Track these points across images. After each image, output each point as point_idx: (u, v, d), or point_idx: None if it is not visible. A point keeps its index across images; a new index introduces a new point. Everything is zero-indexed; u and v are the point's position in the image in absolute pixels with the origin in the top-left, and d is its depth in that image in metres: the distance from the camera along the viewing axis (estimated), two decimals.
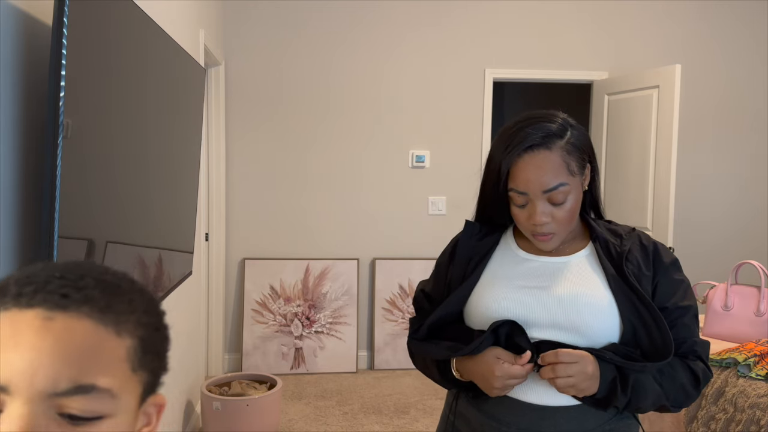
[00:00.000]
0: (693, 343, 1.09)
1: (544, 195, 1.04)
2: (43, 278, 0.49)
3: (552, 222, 1.06)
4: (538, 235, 1.08)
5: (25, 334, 0.46)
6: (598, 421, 1.10)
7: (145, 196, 1.59)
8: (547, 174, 1.03)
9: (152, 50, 1.56)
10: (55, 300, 0.48)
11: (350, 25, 3.91)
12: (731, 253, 4.14)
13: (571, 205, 1.07)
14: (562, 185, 1.04)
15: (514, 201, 1.08)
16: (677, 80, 3.42)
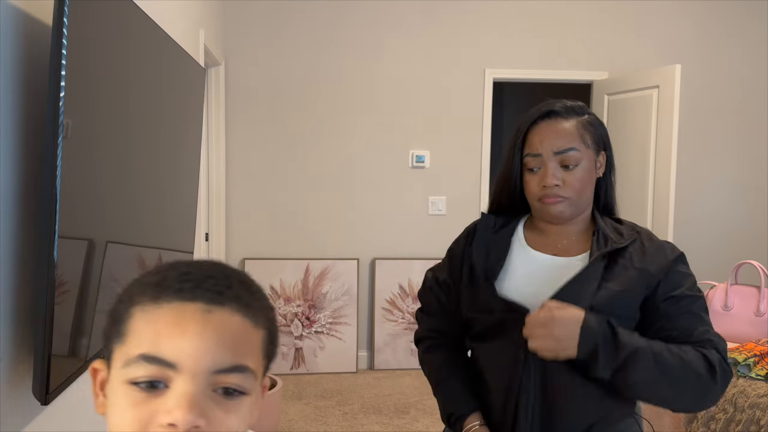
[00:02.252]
0: (705, 332, 1.04)
1: (556, 157, 1.07)
2: (198, 276, 0.58)
3: (562, 186, 1.07)
4: (547, 198, 1.08)
5: (189, 323, 0.55)
6: (596, 417, 1.08)
7: (145, 196, 1.59)
8: (560, 137, 1.07)
9: (152, 50, 1.56)
10: (211, 296, 0.57)
11: (350, 25, 3.91)
12: (731, 253, 4.14)
13: (582, 174, 1.08)
14: (573, 149, 1.07)
15: (527, 165, 1.10)
16: (677, 80, 3.42)
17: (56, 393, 1.10)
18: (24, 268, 1.13)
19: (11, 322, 1.09)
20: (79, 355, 1.21)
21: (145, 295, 0.57)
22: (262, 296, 0.64)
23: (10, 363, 1.09)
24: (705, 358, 1.01)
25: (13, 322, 1.10)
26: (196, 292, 0.57)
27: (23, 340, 1.13)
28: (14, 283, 1.10)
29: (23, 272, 1.13)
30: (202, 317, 0.55)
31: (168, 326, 0.55)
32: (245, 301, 0.59)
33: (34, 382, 1.07)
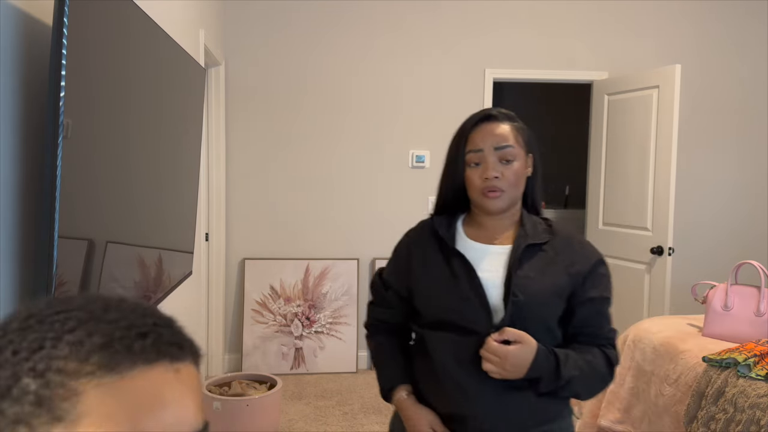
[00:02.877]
0: (609, 330, 1.26)
1: (496, 152, 1.23)
2: (145, 327, 0.48)
3: (501, 179, 1.22)
4: (489, 191, 1.22)
5: (166, 391, 0.46)
6: (538, 421, 1.23)
7: (145, 196, 1.59)
8: (499, 136, 1.25)
9: (152, 50, 1.56)
10: (173, 352, 0.48)
11: (350, 25, 3.91)
12: (731, 254, 4.14)
13: (517, 168, 1.24)
14: (510, 146, 1.24)
15: (470, 162, 1.25)
16: (677, 80, 3.42)
17: None
18: (24, 268, 1.13)
19: None
20: None
21: (90, 363, 0.44)
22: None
23: None
24: (607, 359, 1.23)
25: None
26: (157, 349, 0.47)
27: None
28: (14, 283, 1.10)
29: (23, 272, 1.13)
30: (174, 379, 0.47)
31: (144, 399, 0.45)
32: (195, 348, 0.52)
33: None
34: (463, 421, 1.21)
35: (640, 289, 3.67)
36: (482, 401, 1.19)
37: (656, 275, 3.55)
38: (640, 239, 3.66)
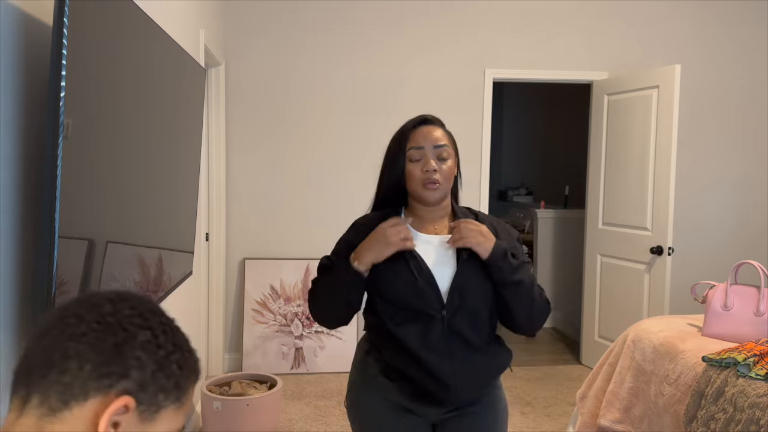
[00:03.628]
0: (535, 282, 1.49)
1: (435, 150, 1.42)
2: (192, 361, 0.72)
3: (438, 174, 1.41)
4: (429, 183, 1.41)
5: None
6: (494, 381, 1.51)
7: (146, 196, 1.59)
8: (436, 136, 1.44)
9: (152, 50, 1.56)
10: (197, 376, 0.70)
11: (350, 25, 3.91)
12: (731, 254, 4.14)
13: (450, 165, 1.44)
14: (445, 146, 1.44)
15: (411, 158, 1.43)
16: (677, 80, 3.42)
17: None
18: (24, 268, 1.13)
19: (11, 322, 1.09)
20: None
21: (170, 400, 0.66)
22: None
23: (10, 363, 1.09)
24: (542, 292, 1.48)
25: (14, 322, 1.10)
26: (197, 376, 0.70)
27: (23, 340, 1.13)
28: (14, 283, 1.10)
29: (24, 272, 1.13)
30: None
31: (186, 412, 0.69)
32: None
33: None
34: (443, 389, 1.41)
35: (639, 289, 3.67)
36: (451, 372, 1.40)
37: (656, 275, 3.55)
38: (640, 239, 3.66)
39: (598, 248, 4.01)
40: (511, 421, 3.21)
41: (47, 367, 0.61)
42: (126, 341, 0.63)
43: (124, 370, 0.62)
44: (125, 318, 0.64)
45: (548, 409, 3.38)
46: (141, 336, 0.64)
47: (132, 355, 0.63)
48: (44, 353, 0.62)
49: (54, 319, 0.64)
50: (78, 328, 0.62)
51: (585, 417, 2.62)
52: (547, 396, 3.56)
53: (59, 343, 0.62)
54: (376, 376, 1.51)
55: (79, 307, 0.65)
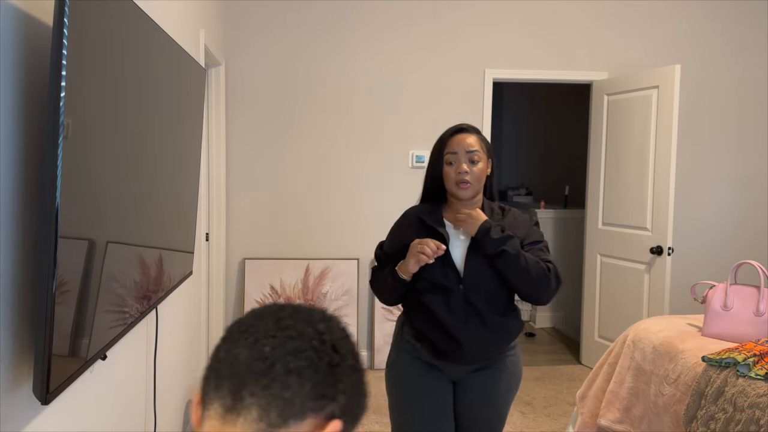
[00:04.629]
0: (546, 260, 1.71)
1: (467, 155, 1.71)
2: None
3: (470, 174, 1.70)
4: (461, 183, 1.70)
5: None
6: (498, 354, 1.77)
7: (146, 196, 1.59)
8: (469, 143, 1.72)
9: (152, 50, 1.56)
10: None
11: (350, 25, 3.91)
12: (731, 253, 4.14)
13: (481, 168, 1.72)
14: (477, 151, 1.71)
15: (447, 161, 1.73)
16: (677, 80, 3.42)
17: (56, 393, 1.10)
18: (24, 268, 1.13)
19: (11, 322, 1.09)
20: (79, 355, 1.21)
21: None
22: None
23: (10, 363, 1.09)
24: (546, 267, 1.68)
25: (13, 322, 1.10)
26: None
27: (23, 340, 1.13)
28: (15, 283, 1.10)
29: (24, 272, 1.13)
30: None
31: None
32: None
33: (34, 382, 1.07)
34: (459, 349, 1.70)
35: (639, 289, 3.67)
36: (465, 334, 1.69)
37: (656, 275, 3.55)
38: (639, 239, 3.66)
39: (598, 248, 4.01)
40: (511, 420, 3.21)
41: (269, 380, 0.59)
42: (339, 364, 0.62)
43: (335, 393, 0.61)
44: (338, 339, 0.64)
45: (548, 409, 3.38)
46: (350, 359, 0.64)
47: (341, 379, 0.62)
48: (264, 363, 0.60)
49: (270, 328, 0.63)
50: (299, 343, 0.61)
51: (585, 417, 2.62)
52: (547, 396, 3.56)
53: (280, 355, 0.60)
54: (409, 340, 1.80)
55: (294, 320, 0.64)
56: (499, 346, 1.76)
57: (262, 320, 0.64)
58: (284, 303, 0.68)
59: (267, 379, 0.59)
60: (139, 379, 1.92)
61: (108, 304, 1.35)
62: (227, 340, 0.64)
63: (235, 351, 0.62)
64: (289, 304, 0.68)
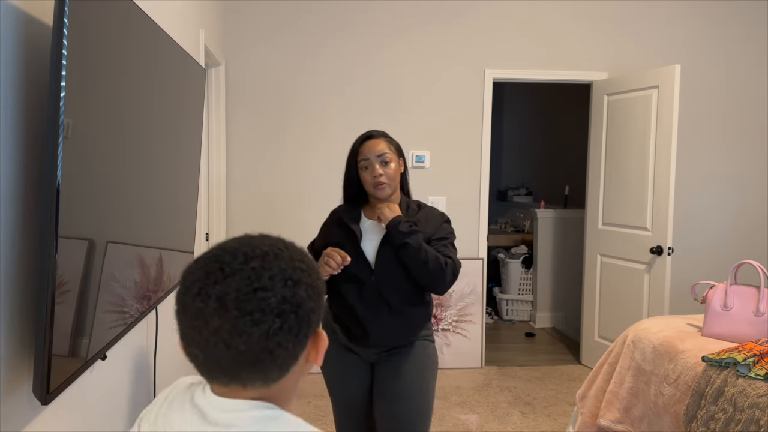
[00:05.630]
0: (447, 254, 1.86)
1: (378, 158, 1.87)
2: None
3: (384, 175, 1.86)
4: (378, 185, 1.87)
5: None
6: (405, 340, 1.91)
7: (146, 196, 1.59)
8: (379, 147, 1.88)
9: (152, 50, 1.56)
10: None
11: (350, 25, 3.91)
12: (731, 253, 4.14)
13: (394, 168, 1.89)
14: (387, 154, 1.88)
15: (362, 167, 1.89)
16: (677, 80, 3.42)
17: (56, 393, 1.10)
18: (24, 268, 1.13)
19: (11, 322, 1.09)
20: (79, 355, 1.21)
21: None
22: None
23: (10, 363, 1.09)
24: (445, 262, 1.81)
25: (13, 322, 1.10)
26: None
27: (23, 340, 1.13)
28: (14, 283, 1.10)
29: (24, 272, 1.13)
30: None
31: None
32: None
33: (34, 382, 1.07)
34: (366, 335, 1.86)
35: (639, 289, 3.67)
36: (372, 321, 1.85)
37: (656, 275, 3.55)
38: (639, 239, 3.66)
39: (598, 248, 4.01)
40: (511, 420, 3.21)
41: (255, 363, 0.71)
42: (294, 292, 0.75)
43: (308, 315, 0.77)
44: (277, 274, 0.78)
45: (548, 409, 3.38)
46: (295, 277, 0.78)
47: (303, 300, 0.76)
48: (245, 352, 0.71)
49: (223, 315, 0.69)
50: (260, 315, 0.71)
51: (585, 417, 2.62)
52: (547, 396, 3.56)
53: (255, 340, 0.71)
54: (330, 324, 1.96)
55: (238, 299, 0.70)
56: (405, 333, 1.91)
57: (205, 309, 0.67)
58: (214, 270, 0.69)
59: (253, 368, 0.67)
60: (139, 379, 1.92)
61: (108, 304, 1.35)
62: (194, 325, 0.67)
63: (202, 338, 0.67)
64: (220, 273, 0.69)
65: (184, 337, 0.68)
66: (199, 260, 0.71)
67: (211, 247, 0.73)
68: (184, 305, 0.67)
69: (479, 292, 3.99)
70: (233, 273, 0.67)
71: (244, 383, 0.68)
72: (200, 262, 0.70)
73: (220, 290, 0.65)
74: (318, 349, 0.74)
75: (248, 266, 0.68)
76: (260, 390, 0.69)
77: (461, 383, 3.76)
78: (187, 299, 0.67)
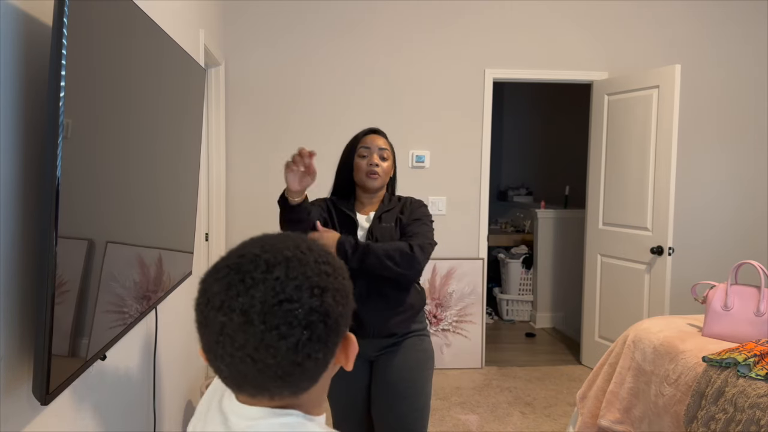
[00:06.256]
0: (414, 234, 1.93)
1: (379, 151, 1.97)
2: None
3: (379, 168, 1.95)
4: (371, 174, 1.95)
5: None
6: (403, 329, 1.95)
7: (145, 196, 1.59)
8: (381, 142, 1.99)
9: (152, 50, 1.56)
10: None
11: (350, 25, 3.91)
12: (731, 253, 4.14)
13: (389, 164, 2.00)
14: (386, 150, 1.99)
15: (360, 155, 1.97)
16: (677, 80, 3.42)
17: (56, 393, 1.10)
18: (24, 268, 1.13)
19: (11, 322, 1.09)
20: (79, 355, 1.21)
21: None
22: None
23: (10, 363, 1.09)
24: (409, 245, 1.87)
25: (13, 322, 1.10)
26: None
27: (23, 340, 1.13)
28: (14, 283, 1.10)
29: (23, 272, 1.13)
30: None
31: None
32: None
33: (34, 382, 1.07)
34: (359, 323, 1.89)
35: (640, 289, 3.67)
36: (366, 310, 1.89)
37: (656, 275, 3.55)
38: (640, 239, 3.66)
39: (598, 248, 4.01)
40: (511, 420, 3.21)
41: (283, 378, 0.70)
42: (323, 300, 0.72)
43: (339, 317, 0.76)
44: (300, 283, 0.73)
45: (548, 409, 3.38)
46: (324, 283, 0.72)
47: (330, 307, 0.73)
48: (273, 365, 0.69)
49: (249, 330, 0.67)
50: (286, 328, 0.70)
51: (585, 417, 2.62)
52: (547, 396, 3.56)
53: (282, 353, 0.69)
54: None
55: (264, 311, 0.68)
56: (400, 318, 1.93)
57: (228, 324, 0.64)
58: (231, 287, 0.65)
59: (282, 381, 0.64)
60: (139, 379, 1.92)
61: (108, 304, 1.35)
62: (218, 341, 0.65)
63: (230, 356, 0.64)
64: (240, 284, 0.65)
65: (208, 351, 0.65)
66: (219, 269, 0.66)
67: (229, 251, 0.69)
68: (206, 318, 0.64)
69: (479, 292, 3.99)
70: (255, 284, 0.63)
71: (272, 395, 0.66)
72: (220, 272, 0.66)
73: (244, 303, 0.62)
74: (348, 354, 0.71)
75: (272, 276, 0.63)
76: (287, 400, 0.68)
77: (461, 383, 3.75)
78: (209, 312, 0.64)
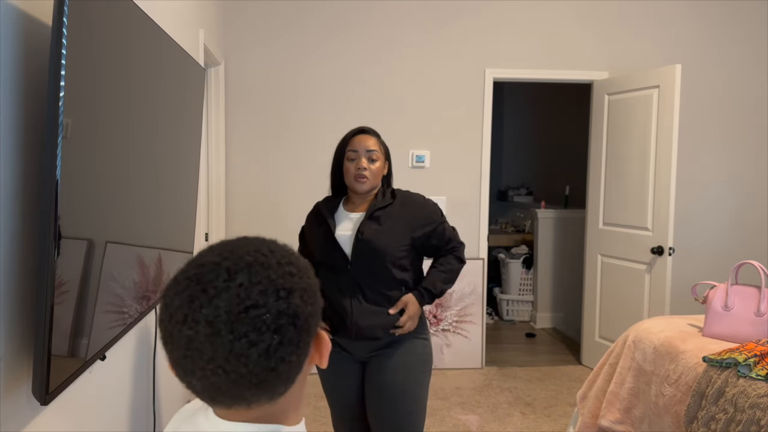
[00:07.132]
0: (450, 240, 1.98)
1: (366, 153, 1.89)
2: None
3: (368, 170, 1.88)
4: (359, 177, 1.88)
5: None
6: (385, 329, 1.90)
7: (145, 196, 1.58)
8: (369, 143, 1.91)
9: (152, 50, 1.55)
10: None
11: (350, 25, 3.91)
12: (732, 254, 4.14)
13: (379, 166, 1.91)
14: (375, 151, 1.91)
15: (348, 158, 1.90)
16: (677, 80, 3.42)
17: (56, 393, 1.10)
18: (24, 268, 1.13)
19: (11, 322, 1.09)
20: (79, 355, 1.21)
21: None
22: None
23: (9, 363, 1.09)
24: (457, 258, 1.99)
25: (13, 322, 1.10)
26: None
27: (23, 340, 1.13)
28: (14, 283, 1.10)
29: (23, 272, 1.13)
30: None
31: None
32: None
33: (34, 382, 1.07)
34: (345, 325, 1.88)
35: (640, 289, 3.67)
36: (350, 310, 1.88)
37: (656, 275, 3.55)
38: (640, 239, 3.65)
39: (598, 248, 4.01)
40: (512, 421, 3.21)
41: (259, 385, 0.68)
42: (289, 302, 0.71)
43: (309, 318, 0.74)
44: (263, 291, 0.71)
45: (548, 409, 3.38)
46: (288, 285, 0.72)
47: (299, 309, 0.73)
48: (247, 375, 0.68)
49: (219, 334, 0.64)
50: (255, 334, 0.69)
51: (585, 417, 2.61)
52: (547, 396, 3.56)
53: (254, 359, 0.68)
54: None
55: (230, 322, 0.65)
56: (386, 323, 1.89)
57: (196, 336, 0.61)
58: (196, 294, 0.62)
59: (257, 388, 0.62)
60: (139, 379, 1.92)
61: (107, 305, 1.35)
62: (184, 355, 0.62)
63: (201, 370, 0.62)
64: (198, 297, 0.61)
65: (177, 367, 0.63)
66: (178, 281, 0.63)
67: (187, 262, 0.65)
68: (170, 335, 0.61)
69: (479, 292, 3.99)
70: (219, 293, 0.60)
71: (248, 403, 0.64)
72: (180, 285, 0.62)
73: (208, 314, 0.59)
74: (321, 351, 0.71)
75: (235, 283, 0.61)
76: (265, 407, 0.67)
77: (461, 384, 3.75)
78: (173, 328, 0.61)
